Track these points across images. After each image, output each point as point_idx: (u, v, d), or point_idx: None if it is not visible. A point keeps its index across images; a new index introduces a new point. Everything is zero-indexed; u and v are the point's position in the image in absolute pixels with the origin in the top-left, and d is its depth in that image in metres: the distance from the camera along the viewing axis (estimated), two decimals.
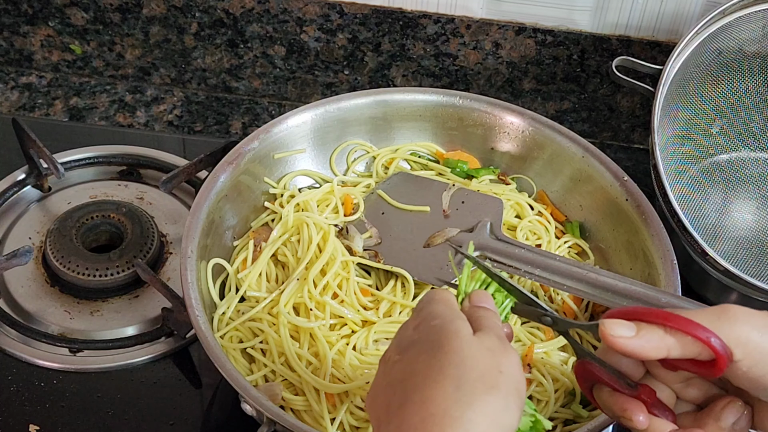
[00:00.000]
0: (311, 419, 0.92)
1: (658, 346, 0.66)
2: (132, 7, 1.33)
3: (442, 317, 0.70)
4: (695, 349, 0.66)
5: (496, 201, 1.08)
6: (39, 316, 1.09)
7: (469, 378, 0.65)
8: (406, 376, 0.67)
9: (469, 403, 0.63)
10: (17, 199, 1.21)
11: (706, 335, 0.65)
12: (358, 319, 0.98)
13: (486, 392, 0.64)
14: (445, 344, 0.67)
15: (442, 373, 0.65)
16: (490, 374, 0.65)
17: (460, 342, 0.67)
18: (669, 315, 0.66)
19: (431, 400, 0.64)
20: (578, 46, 1.30)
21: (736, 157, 1.23)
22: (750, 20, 1.16)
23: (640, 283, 0.97)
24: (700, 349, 0.66)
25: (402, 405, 0.65)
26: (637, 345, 0.66)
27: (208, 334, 0.90)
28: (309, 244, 1.01)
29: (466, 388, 0.64)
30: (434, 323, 0.70)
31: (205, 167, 1.17)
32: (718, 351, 0.65)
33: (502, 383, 0.65)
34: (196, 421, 1.02)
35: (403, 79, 1.36)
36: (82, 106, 1.36)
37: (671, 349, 0.66)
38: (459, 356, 0.66)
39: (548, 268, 0.99)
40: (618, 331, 0.67)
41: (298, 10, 1.30)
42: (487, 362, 0.66)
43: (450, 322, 0.69)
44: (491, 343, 0.68)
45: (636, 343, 0.66)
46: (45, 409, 1.01)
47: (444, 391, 0.64)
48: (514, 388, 0.66)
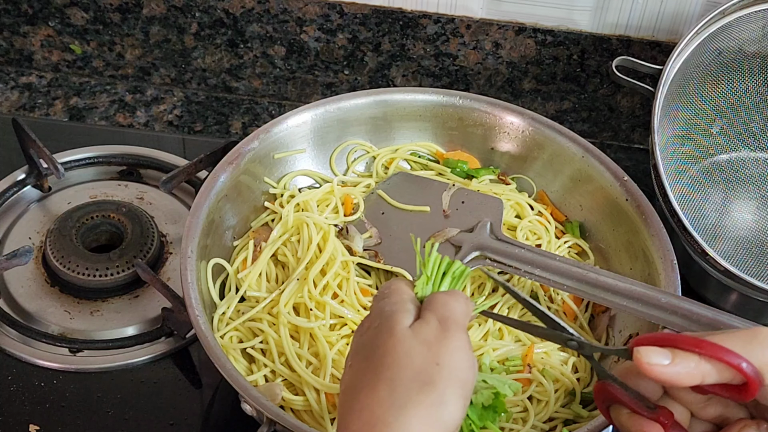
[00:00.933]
0: (311, 419, 0.92)
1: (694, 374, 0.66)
2: (132, 7, 1.33)
3: (382, 316, 0.69)
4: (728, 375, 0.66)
5: (496, 201, 1.08)
6: (39, 316, 1.09)
7: (403, 378, 0.64)
8: (351, 382, 0.67)
9: (402, 406, 0.62)
10: (17, 199, 1.21)
11: (738, 361, 0.65)
12: (358, 319, 0.98)
13: (419, 390, 0.63)
14: (382, 346, 0.66)
15: (376, 377, 0.65)
16: (425, 369, 0.64)
17: (394, 342, 0.66)
18: (701, 342, 0.66)
19: (367, 407, 0.63)
20: (578, 46, 1.30)
21: (736, 157, 1.23)
22: (750, 20, 1.16)
23: (640, 283, 0.97)
24: (733, 375, 0.66)
25: (348, 410, 0.65)
26: (674, 373, 0.66)
27: (208, 334, 0.90)
28: (309, 244, 1.01)
29: (399, 390, 0.63)
30: (377, 324, 0.69)
31: (205, 167, 1.17)
32: (750, 376, 0.65)
33: (438, 377, 0.64)
34: (196, 421, 1.02)
35: (403, 79, 1.36)
36: (82, 106, 1.37)
37: (706, 377, 0.66)
38: (392, 356, 0.65)
39: (548, 268, 0.99)
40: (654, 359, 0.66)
41: (298, 10, 1.30)
42: (422, 357, 0.65)
43: (387, 320, 0.68)
44: (428, 333, 0.67)
45: (672, 370, 0.66)
46: (45, 409, 1.01)
47: (378, 397, 0.63)
48: (454, 378, 0.65)
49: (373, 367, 0.65)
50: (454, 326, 0.68)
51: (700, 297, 1.11)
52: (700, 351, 0.66)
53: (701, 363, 0.66)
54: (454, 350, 0.66)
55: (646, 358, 0.66)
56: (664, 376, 0.66)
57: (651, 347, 0.67)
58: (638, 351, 0.67)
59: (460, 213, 1.08)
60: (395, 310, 0.69)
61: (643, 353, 0.67)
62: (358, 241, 1.04)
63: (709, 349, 0.66)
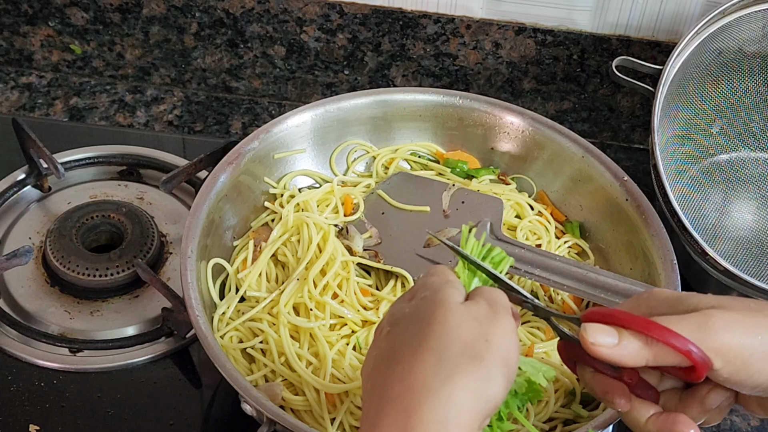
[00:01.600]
0: (311, 419, 0.92)
1: (638, 356, 0.67)
2: (132, 7, 1.33)
3: (432, 288, 0.69)
4: (675, 358, 0.66)
5: (496, 201, 1.08)
6: (39, 316, 1.09)
7: (452, 349, 0.64)
8: (392, 348, 0.66)
9: (449, 375, 0.62)
10: (17, 199, 1.21)
11: (685, 346, 0.65)
12: (358, 319, 0.98)
13: (468, 362, 0.63)
14: (431, 315, 0.66)
15: (424, 346, 0.64)
16: (475, 344, 0.64)
17: (445, 312, 0.66)
18: (650, 324, 0.66)
19: (412, 373, 0.63)
20: (578, 46, 1.30)
21: (736, 157, 1.23)
22: (750, 20, 1.16)
23: (640, 283, 0.97)
24: (680, 359, 0.66)
25: (386, 377, 0.64)
26: (617, 354, 0.67)
27: (208, 334, 0.90)
28: (309, 244, 1.01)
29: (447, 359, 0.63)
30: (424, 295, 0.69)
31: (205, 167, 1.17)
32: (697, 361, 0.66)
33: (486, 353, 0.64)
34: (196, 421, 1.02)
35: (403, 79, 1.36)
36: (82, 106, 1.37)
37: (650, 359, 0.67)
38: (443, 327, 0.65)
39: (548, 268, 0.99)
40: (599, 339, 0.67)
41: (298, 10, 1.30)
42: (472, 332, 0.65)
43: (437, 292, 0.68)
44: (480, 311, 0.67)
45: (616, 352, 0.67)
46: (45, 409, 1.01)
47: (425, 364, 0.63)
48: (501, 358, 0.65)
49: (420, 335, 0.65)
50: (502, 310, 0.68)
51: None
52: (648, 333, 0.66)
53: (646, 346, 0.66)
54: (503, 331, 0.66)
55: (591, 337, 0.67)
56: (608, 356, 0.67)
57: (598, 325, 0.67)
58: (584, 328, 0.67)
59: (460, 213, 1.08)
60: (445, 284, 0.69)
61: (589, 331, 0.67)
62: (358, 241, 1.04)
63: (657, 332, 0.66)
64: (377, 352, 0.68)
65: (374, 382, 0.66)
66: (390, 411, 0.62)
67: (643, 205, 1.04)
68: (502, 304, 0.69)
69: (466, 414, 0.62)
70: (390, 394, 0.63)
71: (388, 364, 0.65)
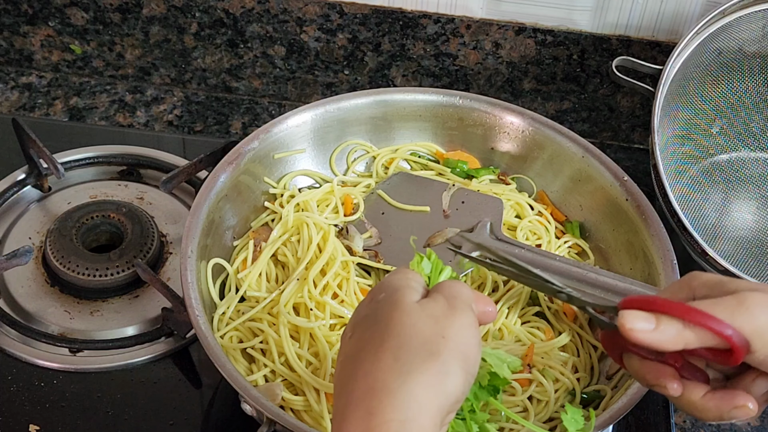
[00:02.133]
0: (311, 419, 0.92)
1: (676, 340, 0.67)
2: (132, 7, 1.33)
3: (388, 290, 0.70)
4: (713, 341, 0.67)
5: (496, 201, 1.08)
6: (39, 316, 1.09)
7: (409, 347, 0.64)
8: (354, 351, 0.67)
9: (407, 373, 0.63)
10: (17, 199, 1.21)
11: (723, 329, 0.66)
12: None
13: (425, 360, 0.64)
14: (387, 316, 0.67)
15: (382, 346, 0.65)
16: (431, 341, 0.65)
17: (401, 312, 0.67)
18: (688, 309, 0.67)
19: (371, 374, 0.64)
20: (578, 46, 1.30)
21: (736, 157, 1.23)
22: (750, 20, 1.16)
23: (640, 283, 0.97)
24: (717, 341, 0.67)
25: (349, 380, 0.65)
26: (655, 339, 0.67)
27: (208, 334, 0.90)
28: (309, 244, 1.01)
29: (404, 358, 0.64)
30: (381, 297, 0.69)
31: (205, 167, 1.17)
32: (735, 344, 0.66)
33: (443, 348, 0.65)
34: (196, 421, 1.02)
35: (403, 79, 1.36)
36: (82, 106, 1.37)
37: (689, 343, 0.67)
38: (399, 328, 0.66)
39: (548, 268, 0.99)
40: (638, 324, 0.67)
41: (298, 10, 1.30)
42: (428, 330, 0.66)
43: (394, 293, 0.69)
44: (436, 308, 0.68)
45: (655, 336, 0.67)
46: (45, 409, 1.01)
47: (384, 364, 0.64)
48: (459, 352, 0.65)
49: (378, 336, 0.66)
50: (461, 305, 0.69)
51: None
52: (685, 317, 0.66)
53: (684, 330, 0.67)
54: (460, 326, 0.67)
55: (629, 323, 0.67)
56: (647, 341, 0.67)
57: (635, 312, 0.68)
58: (622, 315, 0.68)
59: (460, 213, 1.08)
60: (402, 285, 0.70)
61: (626, 318, 0.67)
62: (358, 241, 1.04)
63: (694, 316, 0.66)
64: (342, 356, 0.69)
65: (340, 383, 0.67)
66: (354, 411, 0.63)
67: (643, 205, 1.04)
68: (461, 298, 0.69)
69: (426, 410, 0.62)
70: (353, 395, 0.64)
71: (351, 365, 0.66)
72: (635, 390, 0.88)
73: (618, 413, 0.86)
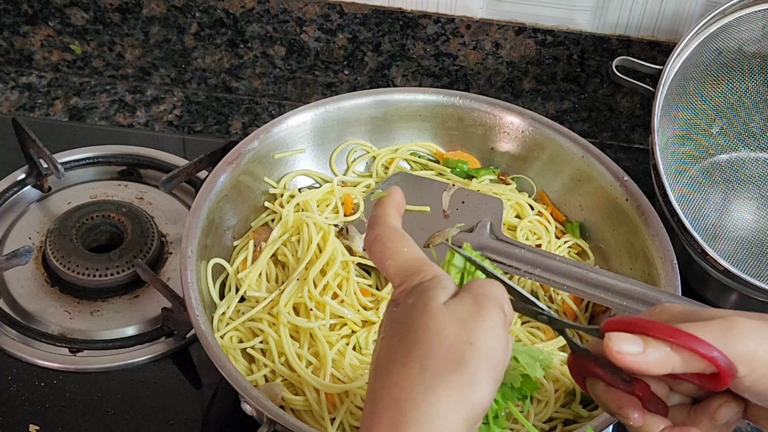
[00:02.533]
0: (311, 419, 0.92)
1: (664, 364, 0.66)
2: (132, 7, 1.33)
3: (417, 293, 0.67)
4: (700, 365, 0.66)
5: (496, 201, 1.08)
6: (39, 316, 1.09)
7: (435, 356, 0.63)
8: (383, 355, 0.66)
9: (432, 386, 0.61)
10: (17, 199, 1.21)
11: (710, 352, 0.65)
12: (358, 319, 0.98)
13: (451, 370, 0.62)
14: (414, 321, 0.65)
15: (409, 355, 0.63)
16: (458, 348, 0.63)
17: (427, 317, 0.65)
18: (674, 331, 0.65)
19: (397, 385, 0.62)
20: (578, 46, 1.30)
21: (736, 157, 1.23)
22: (750, 20, 1.16)
23: (640, 283, 0.97)
24: (704, 366, 0.66)
25: (376, 387, 0.64)
26: (643, 362, 0.66)
27: (208, 334, 0.90)
28: (309, 244, 1.01)
29: (431, 368, 0.62)
30: (410, 300, 0.67)
31: (205, 167, 1.17)
32: (722, 368, 0.65)
33: (470, 357, 0.63)
34: (196, 421, 1.02)
35: (403, 79, 1.36)
36: (82, 106, 1.37)
37: (676, 366, 0.66)
38: (426, 333, 0.64)
39: (548, 268, 0.99)
40: (625, 347, 0.66)
41: (298, 10, 1.30)
42: (455, 335, 0.64)
43: (421, 296, 0.67)
44: (463, 310, 0.65)
45: (642, 360, 0.66)
46: (45, 409, 1.01)
47: (409, 374, 0.62)
48: (486, 359, 0.63)
49: (406, 343, 0.64)
50: (489, 304, 0.66)
51: (700, 297, 1.12)
52: (673, 340, 0.65)
53: (671, 354, 0.66)
54: (488, 329, 0.64)
55: (616, 346, 0.66)
56: (634, 365, 0.66)
57: (622, 334, 0.66)
58: (609, 338, 0.66)
59: (460, 213, 1.08)
60: (431, 286, 0.67)
61: (613, 341, 0.66)
62: (358, 241, 1.04)
63: (682, 339, 0.65)
64: (374, 357, 0.68)
65: (369, 390, 0.66)
66: (379, 422, 0.62)
67: (643, 205, 1.04)
68: (489, 296, 0.67)
69: (451, 423, 0.61)
70: (378, 406, 0.63)
71: (378, 373, 0.65)
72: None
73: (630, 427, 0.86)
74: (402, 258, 0.70)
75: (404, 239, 0.72)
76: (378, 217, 0.74)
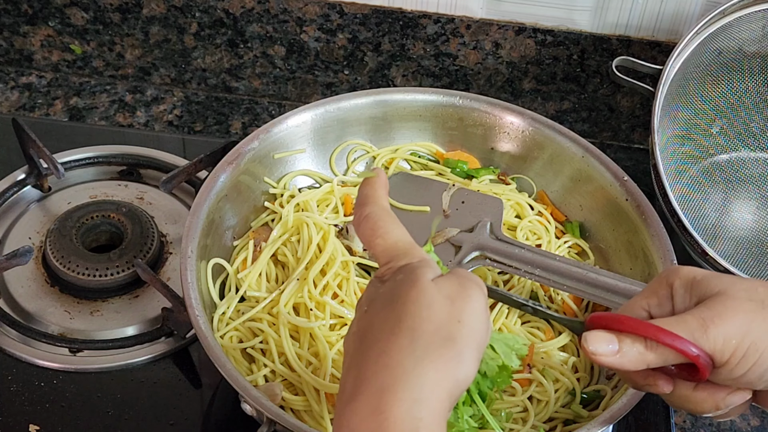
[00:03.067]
0: (311, 419, 0.92)
1: (640, 360, 0.69)
2: (132, 7, 1.33)
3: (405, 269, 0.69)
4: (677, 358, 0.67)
5: (496, 201, 1.08)
6: (39, 316, 1.09)
7: (425, 329, 0.64)
8: (368, 327, 0.67)
9: (422, 356, 0.63)
10: (17, 199, 1.21)
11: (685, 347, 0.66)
12: None
13: (441, 345, 0.64)
14: (404, 295, 0.67)
15: (399, 326, 0.65)
16: (448, 325, 0.65)
17: (417, 292, 0.66)
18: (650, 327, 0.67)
19: (386, 353, 0.64)
20: (578, 46, 1.30)
21: (736, 157, 1.23)
22: (750, 20, 1.16)
23: (640, 283, 0.97)
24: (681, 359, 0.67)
25: (362, 355, 0.65)
26: (617, 362, 0.69)
27: (208, 334, 0.90)
28: (309, 244, 1.01)
29: (421, 340, 0.64)
30: (399, 277, 0.69)
31: (205, 167, 1.17)
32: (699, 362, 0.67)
33: (458, 334, 0.65)
34: (196, 421, 1.02)
35: (403, 79, 1.36)
36: (82, 106, 1.37)
37: (650, 363, 0.68)
38: (416, 306, 0.66)
39: (548, 268, 0.99)
40: (599, 348, 0.69)
41: (298, 10, 1.30)
42: (445, 311, 0.66)
43: (411, 272, 0.68)
44: (451, 288, 0.67)
45: (617, 360, 0.69)
46: (45, 409, 1.01)
47: (399, 344, 0.64)
48: (473, 339, 0.66)
49: (394, 315, 0.66)
50: (475, 286, 0.68)
51: None
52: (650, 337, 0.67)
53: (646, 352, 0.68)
54: (474, 310, 0.67)
55: (592, 347, 0.69)
56: (610, 364, 0.69)
57: (598, 334, 0.69)
58: (585, 338, 0.69)
59: (460, 213, 1.08)
60: (420, 266, 0.69)
61: (589, 341, 0.69)
62: (358, 241, 1.04)
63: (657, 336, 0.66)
64: (356, 328, 0.69)
65: (352, 358, 0.67)
66: (366, 389, 0.63)
67: (643, 205, 1.04)
68: (473, 279, 0.69)
69: (438, 394, 0.63)
70: (366, 372, 0.64)
71: (366, 342, 0.66)
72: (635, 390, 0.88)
73: (618, 413, 0.86)
74: (392, 238, 0.72)
75: (394, 221, 0.74)
76: (367, 196, 0.75)
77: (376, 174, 0.77)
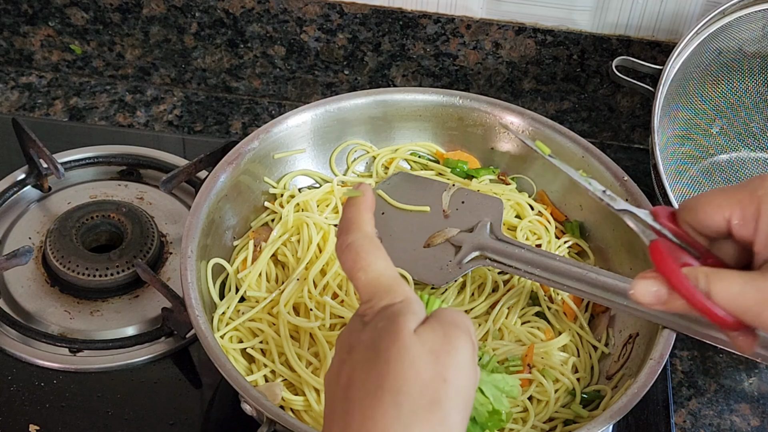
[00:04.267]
0: (311, 419, 0.92)
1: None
2: (132, 7, 1.33)
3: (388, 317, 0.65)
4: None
5: (496, 201, 1.08)
6: (39, 316, 1.09)
7: (410, 391, 0.61)
8: (349, 383, 0.63)
9: (409, 423, 0.60)
10: (17, 199, 1.21)
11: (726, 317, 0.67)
12: None
13: (427, 410, 0.61)
14: (384, 350, 0.63)
15: (382, 387, 0.61)
16: (432, 385, 0.62)
17: (399, 348, 0.62)
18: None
19: (371, 420, 0.61)
20: (578, 46, 1.30)
21: (736, 157, 1.23)
22: (750, 20, 1.16)
23: None
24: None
25: (348, 416, 0.62)
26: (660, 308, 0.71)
27: (208, 334, 0.90)
28: (309, 244, 1.01)
29: (405, 405, 0.61)
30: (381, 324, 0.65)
31: (205, 167, 1.17)
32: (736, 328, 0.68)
33: (444, 396, 0.62)
34: (196, 421, 1.02)
35: (403, 79, 1.36)
36: (82, 106, 1.37)
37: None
38: (398, 365, 0.62)
39: (548, 268, 0.99)
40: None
41: (298, 10, 1.30)
42: (429, 369, 0.62)
43: (393, 321, 0.64)
44: (435, 340, 0.63)
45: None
46: (45, 409, 1.01)
47: (383, 410, 0.61)
48: (460, 398, 0.62)
49: (376, 373, 0.62)
50: (461, 333, 0.65)
51: None
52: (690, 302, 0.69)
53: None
54: (459, 364, 0.63)
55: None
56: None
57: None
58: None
59: (460, 213, 1.08)
60: (401, 310, 0.65)
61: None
62: None
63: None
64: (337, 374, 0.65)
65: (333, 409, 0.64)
66: None
67: (643, 205, 1.03)
68: (458, 325, 0.65)
69: None
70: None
71: (348, 400, 0.63)
72: (635, 390, 0.88)
73: (618, 413, 0.86)
74: (374, 272, 0.68)
75: (378, 251, 0.70)
76: (351, 222, 0.71)
77: (361, 193, 0.72)
